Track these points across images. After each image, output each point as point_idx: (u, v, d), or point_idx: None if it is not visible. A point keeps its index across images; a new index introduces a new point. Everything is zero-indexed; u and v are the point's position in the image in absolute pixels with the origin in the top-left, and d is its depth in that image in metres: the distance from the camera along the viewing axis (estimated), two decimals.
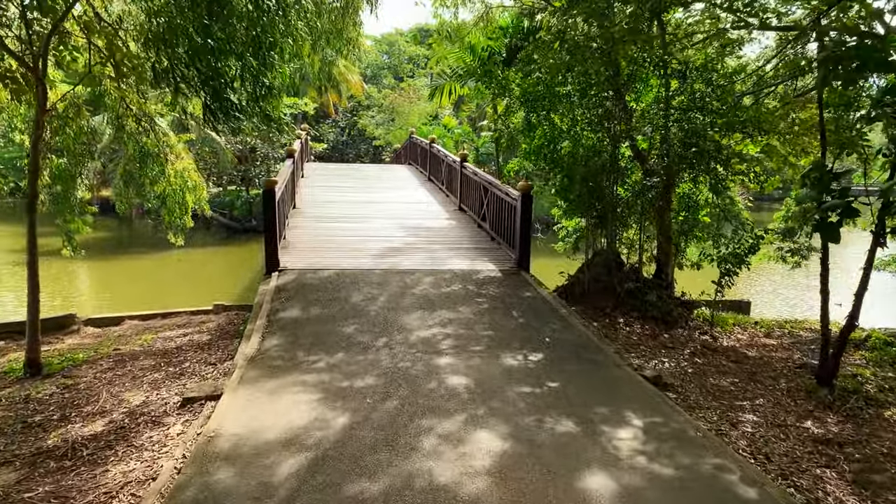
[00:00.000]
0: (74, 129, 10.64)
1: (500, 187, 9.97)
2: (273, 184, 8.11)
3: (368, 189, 15.11)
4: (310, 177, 16.29)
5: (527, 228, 8.80)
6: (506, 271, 8.67)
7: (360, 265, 8.51)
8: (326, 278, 7.88)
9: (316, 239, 9.97)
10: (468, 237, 10.64)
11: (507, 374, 5.18)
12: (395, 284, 7.76)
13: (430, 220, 11.96)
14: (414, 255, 9.23)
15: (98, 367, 6.22)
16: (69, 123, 10.50)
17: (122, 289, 17.59)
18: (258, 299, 7.14)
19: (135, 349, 7.09)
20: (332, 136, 38.72)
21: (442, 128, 28.47)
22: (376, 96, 38.43)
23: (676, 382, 6.18)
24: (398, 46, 48.93)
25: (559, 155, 9.51)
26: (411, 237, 10.40)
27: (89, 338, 9.18)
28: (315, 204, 12.78)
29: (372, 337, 5.95)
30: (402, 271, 8.32)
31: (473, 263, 8.95)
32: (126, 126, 11.21)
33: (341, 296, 7.21)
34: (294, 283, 7.62)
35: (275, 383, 4.83)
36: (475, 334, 6.18)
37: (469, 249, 9.82)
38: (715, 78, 8.70)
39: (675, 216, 9.38)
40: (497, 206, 9.99)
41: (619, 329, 8.05)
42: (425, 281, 7.98)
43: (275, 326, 6.21)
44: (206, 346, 6.99)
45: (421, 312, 6.75)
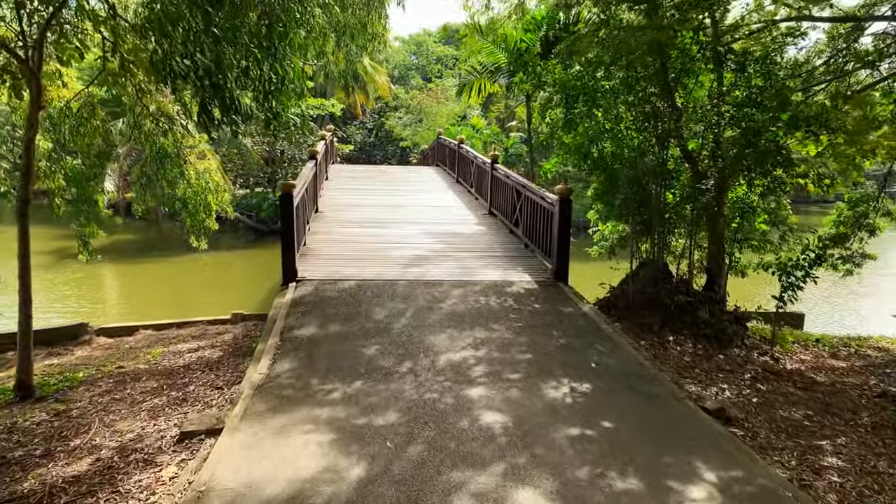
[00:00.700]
0: (89, 130, 10.24)
1: (534, 190, 9.25)
2: (291, 187, 7.51)
3: (394, 192, 14.49)
4: (334, 179, 15.74)
5: (566, 236, 8.06)
6: (542, 283, 7.94)
7: (383, 275, 7.87)
8: (347, 290, 7.25)
9: (337, 245, 9.37)
10: (500, 244, 9.94)
11: (551, 411, 4.46)
12: (422, 298, 7.10)
13: (458, 224, 11.28)
14: (442, 264, 8.56)
15: (96, 390, 5.67)
16: (83, 124, 10.10)
17: (145, 293, 17.28)
18: (272, 314, 6.54)
19: (139, 367, 6.54)
20: (359, 138, 38.32)
21: (470, 128, 27.80)
22: (404, 97, 37.92)
23: (741, 415, 5.40)
24: (426, 47, 48.41)
25: (601, 155, 8.77)
26: (439, 244, 9.73)
27: (99, 349, 8.72)
28: (338, 207, 12.20)
29: (395, 360, 5.28)
30: (429, 282, 7.65)
31: (506, 274, 8.24)
32: (143, 126, 10.78)
33: (362, 311, 6.56)
34: (312, 296, 7.00)
35: (282, 420, 4.19)
36: (511, 358, 5.47)
37: (501, 258, 9.11)
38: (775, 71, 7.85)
39: (727, 223, 8.57)
40: (531, 211, 9.27)
41: (669, 349, 7.27)
42: (454, 294, 7.30)
43: (288, 346, 5.59)
44: (215, 364, 6.40)
45: (450, 331, 6.07)
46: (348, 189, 14.65)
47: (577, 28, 9.57)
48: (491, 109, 37.46)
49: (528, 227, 9.53)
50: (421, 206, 12.97)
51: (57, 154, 10.06)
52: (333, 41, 12.32)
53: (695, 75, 8.22)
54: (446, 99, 35.99)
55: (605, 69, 8.63)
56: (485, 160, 12.97)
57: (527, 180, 10.45)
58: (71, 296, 16.08)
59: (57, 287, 16.88)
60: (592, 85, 8.72)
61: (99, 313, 14.19)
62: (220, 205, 11.64)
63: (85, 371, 6.50)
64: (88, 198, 10.34)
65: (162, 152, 10.55)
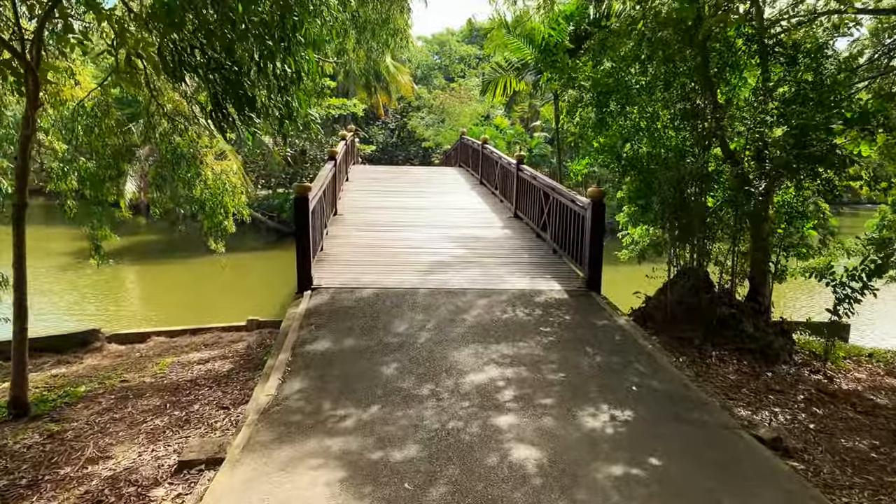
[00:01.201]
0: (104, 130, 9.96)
1: (564, 193, 8.73)
2: (306, 190, 7.10)
3: (416, 193, 14.05)
4: (354, 180, 15.36)
5: (598, 242, 7.54)
6: (573, 292, 7.43)
7: (403, 283, 7.42)
8: (365, 300, 6.81)
9: (356, 250, 8.94)
10: (526, 249, 9.43)
11: (590, 443, 3.96)
12: (444, 308, 6.63)
13: (482, 228, 10.79)
14: (465, 271, 8.08)
15: (95, 407, 5.30)
16: (98, 124, 9.82)
17: (165, 296, 17.09)
18: (284, 326, 6.12)
19: (144, 381, 6.17)
20: (381, 138, 38.00)
21: (494, 128, 27.28)
22: (426, 97, 37.50)
23: (800, 445, 4.84)
24: (449, 46, 47.97)
25: (636, 155, 8.23)
26: (462, 249, 9.26)
27: (109, 357, 8.41)
28: (358, 210, 11.79)
29: (415, 381, 4.82)
30: (451, 291, 7.18)
31: (534, 282, 7.74)
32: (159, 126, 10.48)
33: (380, 323, 6.12)
34: (327, 307, 6.57)
35: (289, 452, 3.75)
36: (542, 379, 4.97)
37: (528, 264, 8.61)
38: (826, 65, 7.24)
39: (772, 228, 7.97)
40: (561, 215, 8.75)
41: (712, 366, 6.71)
42: (479, 304, 6.82)
43: (299, 363, 5.16)
44: (223, 379, 6.01)
45: (475, 347, 5.59)
46: (369, 191, 14.25)
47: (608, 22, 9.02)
48: (514, 109, 36.88)
49: (556, 231, 9.01)
50: (443, 208, 12.51)
51: (70, 155, 9.80)
52: (354, 38, 11.94)
53: (739, 70, 7.64)
54: (469, 98, 35.51)
55: (640, 65, 8.09)
56: (510, 161, 12.46)
57: (555, 182, 9.93)
58: (91, 298, 15.93)
59: (78, 289, 16.77)
60: (626, 81, 8.19)
61: (118, 317, 13.98)
62: (236, 207, 11.28)
63: (88, 384, 6.15)
64: (102, 200, 10.06)
65: (178, 153, 10.24)
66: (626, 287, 8.08)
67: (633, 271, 10.09)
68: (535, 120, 31.79)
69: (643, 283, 8.36)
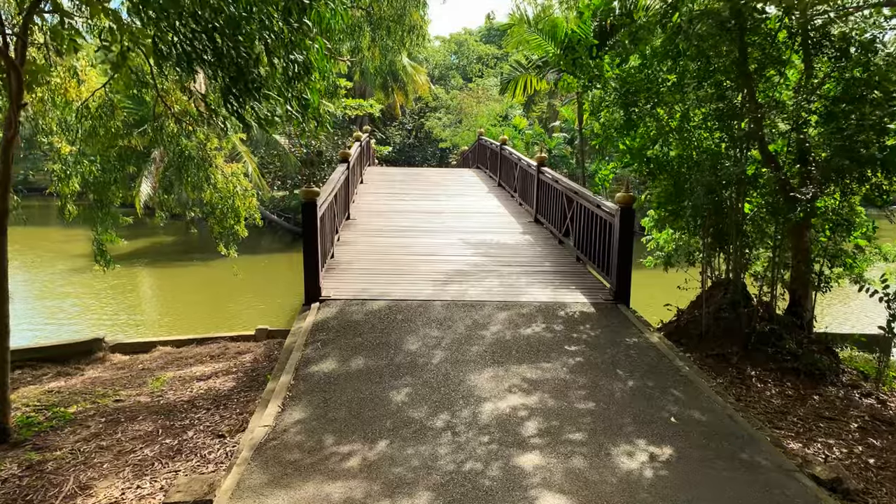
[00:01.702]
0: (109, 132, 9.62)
1: (588, 198, 8.20)
2: (313, 195, 6.64)
3: (432, 196, 13.57)
4: (369, 182, 14.93)
5: (627, 252, 7.00)
6: (600, 305, 6.90)
7: (418, 294, 6.95)
8: (376, 313, 6.35)
9: (368, 258, 8.49)
10: (548, 257, 8.91)
11: (628, 491, 3.45)
12: (461, 323, 6.14)
13: (501, 233, 10.29)
14: (484, 281, 7.59)
15: (83, 432, 4.89)
16: (102, 124, 9.48)
17: (181, 298, 16.79)
18: (288, 343, 5.68)
19: (140, 400, 5.77)
20: (398, 139, 37.62)
21: (512, 129, 26.73)
22: (444, 97, 37.04)
23: (861, 485, 4.29)
24: (467, 46, 47.47)
25: (666, 158, 7.69)
26: (480, 256, 8.76)
27: (111, 369, 8.06)
28: (371, 214, 11.34)
29: (429, 411, 4.34)
30: (469, 304, 6.69)
31: (557, 293, 7.23)
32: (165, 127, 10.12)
33: (392, 340, 5.64)
34: (336, 321, 6.12)
35: (283, 499, 3.28)
36: (570, 408, 4.47)
37: (551, 273, 8.09)
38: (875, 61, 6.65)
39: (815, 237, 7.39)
40: (585, 221, 8.22)
41: (753, 388, 6.16)
42: (499, 318, 6.32)
43: (302, 387, 4.70)
44: (223, 399, 5.58)
45: (494, 369, 5.10)
46: (383, 193, 13.81)
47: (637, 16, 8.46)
48: (533, 109, 36.30)
49: (580, 238, 8.48)
50: (460, 212, 12.02)
51: (73, 157, 9.47)
52: (368, 35, 11.52)
53: (780, 65, 7.06)
54: (487, 98, 34.99)
55: (671, 61, 7.53)
56: (530, 162, 11.95)
57: (578, 185, 9.41)
58: (106, 301, 15.68)
59: (97, 293, 16.55)
60: (656, 79, 7.65)
61: (132, 322, 13.67)
62: (248, 210, 10.91)
63: (80, 404, 5.76)
64: (107, 204, 9.73)
65: (184, 155, 9.88)
66: (650, 294, 7.53)
67: (662, 280, 9.53)
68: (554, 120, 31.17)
69: (669, 290, 7.81)
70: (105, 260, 9.61)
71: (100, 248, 9.59)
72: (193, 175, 10.16)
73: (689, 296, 7.84)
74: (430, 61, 43.12)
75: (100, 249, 9.60)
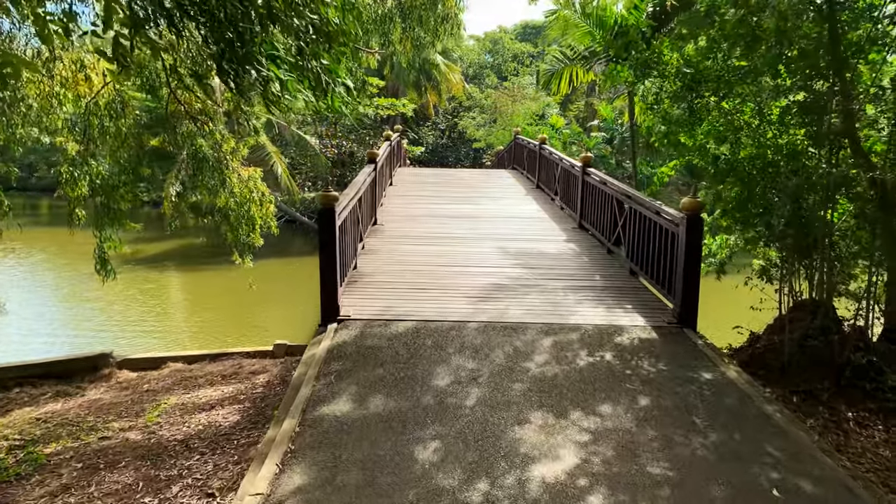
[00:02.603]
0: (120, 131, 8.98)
1: (645, 203, 7.20)
2: (332, 200, 5.80)
3: (466, 199, 12.67)
4: (399, 184, 14.09)
5: (695, 267, 5.99)
6: (662, 329, 5.91)
7: (449, 313, 6.06)
8: (401, 337, 5.48)
9: (395, 268, 7.63)
10: (597, 269, 7.93)
11: None
12: (500, 351, 5.23)
13: (542, 241, 9.33)
14: (525, 298, 6.67)
15: (52, 483, 4.13)
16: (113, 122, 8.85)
17: (208, 303, 16.15)
18: (298, 375, 4.84)
19: (129, 438, 5.00)
20: (431, 139, 36.82)
21: (549, 127, 25.65)
22: (478, 96, 36.10)
23: None
24: (502, 44, 46.45)
25: (735, 159, 6.67)
26: (520, 267, 7.83)
27: (114, 389, 7.39)
28: (400, 218, 10.50)
29: (462, 476, 3.43)
30: (509, 326, 5.77)
31: (612, 314, 6.25)
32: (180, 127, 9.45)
33: (418, 373, 4.76)
34: (353, 346, 5.26)
35: None
36: (642, 474, 3.52)
37: (601, 289, 7.11)
38: None
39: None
40: (641, 229, 7.22)
41: (851, 433, 5.14)
42: (544, 346, 5.39)
43: (307, 437, 3.85)
44: (223, 439, 4.78)
45: (543, 415, 4.17)
46: (414, 196, 12.96)
47: None
48: (570, 108, 35.13)
49: (634, 248, 7.48)
50: (496, 216, 11.09)
51: (81, 157, 8.84)
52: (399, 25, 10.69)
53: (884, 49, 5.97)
54: (522, 97, 33.93)
55: (744, 44, 6.50)
56: (573, 163, 10.96)
57: (630, 188, 8.40)
58: (135, 307, 15.14)
59: (125, 300, 16.07)
60: (725, 66, 6.64)
61: (160, 329, 13.05)
62: (263, 218, 10.15)
63: (63, 440, 5.02)
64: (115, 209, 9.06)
65: (198, 156, 9.18)
66: (704, 306, 6.42)
67: (710, 287, 8.40)
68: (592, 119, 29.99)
69: (727, 303, 6.71)
70: (106, 270, 8.92)
71: (102, 257, 8.91)
72: (208, 178, 9.45)
73: (763, 317, 6.79)
74: (465, 60, 42.25)
75: (101, 258, 8.92)
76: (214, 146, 9.43)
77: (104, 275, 9.06)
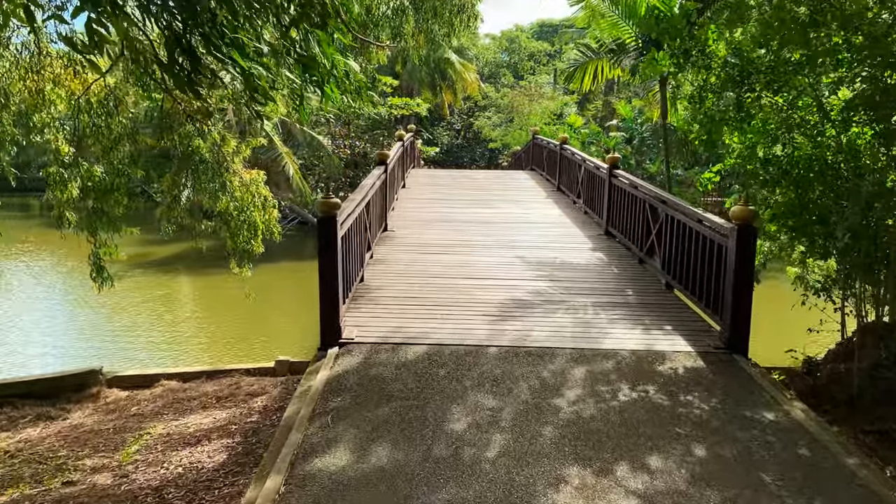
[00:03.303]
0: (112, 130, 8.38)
1: (683, 209, 6.44)
2: (333, 208, 5.11)
3: (483, 202, 11.96)
4: (412, 187, 13.40)
5: (746, 285, 5.21)
6: (709, 356, 5.15)
7: (466, 336, 5.35)
8: (411, 365, 4.78)
9: (405, 281, 6.94)
10: (629, 281, 7.18)
11: None
12: (525, 383, 4.51)
13: (566, 249, 8.58)
14: (551, 316, 5.94)
15: None
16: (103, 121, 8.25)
17: (221, 309, 15.50)
18: (289, 413, 4.15)
19: (96, 483, 4.35)
20: (446, 140, 36.13)
21: (567, 127, 24.87)
22: (494, 95, 35.36)
23: None
24: (518, 43, 45.64)
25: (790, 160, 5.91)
26: (543, 280, 7.10)
27: (98, 412, 6.81)
28: (412, 224, 9.80)
29: None
30: (534, 352, 5.05)
31: (650, 337, 5.51)
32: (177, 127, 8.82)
33: (429, 413, 4.06)
34: (356, 377, 4.57)
35: None
36: None
37: (635, 306, 6.36)
38: None
39: None
40: (679, 239, 6.46)
41: None
42: (575, 377, 4.66)
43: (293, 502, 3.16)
44: (202, 489, 4.12)
45: (579, 470, 3.45)
46: (427, 199, 12.26)
47: None
48: (587, 107, 34.30)
49: (671, 259, 6.72)
50: (516, 222, 10.36)
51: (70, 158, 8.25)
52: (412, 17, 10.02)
53: None
54: (540, 96, 33.13)
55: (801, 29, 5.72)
56: (598, 164, 10.21)
57: (665, 192, 7.64)
58: (146, 315, 14.57)
59: (136, 305, 15.55)
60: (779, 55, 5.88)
61: (166, 341, 12.41)
62: (266, 224, 9.50)
63: (22, 484, 4.39)
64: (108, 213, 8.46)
65: (195, 158, 8.56)
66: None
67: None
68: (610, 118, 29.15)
69: (760, 311, 5.84)
70: (102, 277, 8.31)
71: (97, 264, 8.31)
72: (207, 181, 8.83)
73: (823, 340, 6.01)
74: (480, 59, 41.52)
75: (97, 265, 8.31)
76: (213, 147, 8.80)
77: (100, 283, 8.45)
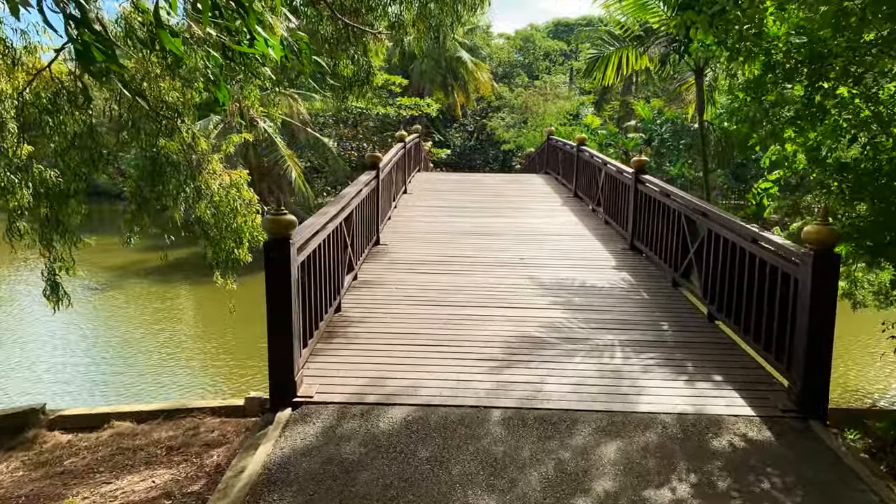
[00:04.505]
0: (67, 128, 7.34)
1: (732, 225, 5.22)
2: (286, 227, 3.91)
3: (492, 210, 10.78)
4: (415, 192, 12.23)
5: (827, 328, 3.99)
6: (776, 422, 3.92)
7: (461, 391, 4.18)
8: (386, 440, 3.61)
9: (393, 311, 5.77)
10: (663, 311, 5.95)
11: None
12: (536, 472, 3.32)
13: (587, 268, 7.37)
14: (569, 362, 4.75)
15: None
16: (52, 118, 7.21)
17: (218, 322, 14.47)
18: None
19: None
20: (458, 141, 34.99)
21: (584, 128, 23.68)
22: (508, 96, 34.19)
23: None
24: (533, 42, 44.49)
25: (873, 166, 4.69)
26: (558, 309, 5.91)
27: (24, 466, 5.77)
28: (409, 236, 8.64)
29: None
30: (548, 419, 3.86)
31: (697, 392, 4.29)
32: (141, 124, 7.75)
33: None
34: (308, 463, 3.40)
35: None
36: None
37: (674, 346, 5.14)
38: None
39: None
40: (726, 260, 5.22)
41: None
42: (605, 456, 3.47)
43: None
44: None
45: None
46: (430, 207, 11.10)
47: None
48: (604, 108, 33.04)
49: (714, 284, 5.50)
50: (527, 233, 9.16)
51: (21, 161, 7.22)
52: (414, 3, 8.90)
53: None
54: (555, 96, 31.91)
55: None
56: (622, 168, 9.00)
57: (707, 203, 6.43)
58: (146, 331, 13.60)
59: (135, 319, 14.60)
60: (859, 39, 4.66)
61: (162, 359, 11.38)
62: (250, 230, 8.44)
63: None
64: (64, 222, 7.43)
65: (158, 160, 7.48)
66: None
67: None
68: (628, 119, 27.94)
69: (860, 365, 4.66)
70: (58, 295, 7.27)
71: (52, 281, 7.27)
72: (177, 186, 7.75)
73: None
74: (494, 58, 40.37)
75: (52, 282, 7.27)
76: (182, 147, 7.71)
77: (55, 301, 7.41)
